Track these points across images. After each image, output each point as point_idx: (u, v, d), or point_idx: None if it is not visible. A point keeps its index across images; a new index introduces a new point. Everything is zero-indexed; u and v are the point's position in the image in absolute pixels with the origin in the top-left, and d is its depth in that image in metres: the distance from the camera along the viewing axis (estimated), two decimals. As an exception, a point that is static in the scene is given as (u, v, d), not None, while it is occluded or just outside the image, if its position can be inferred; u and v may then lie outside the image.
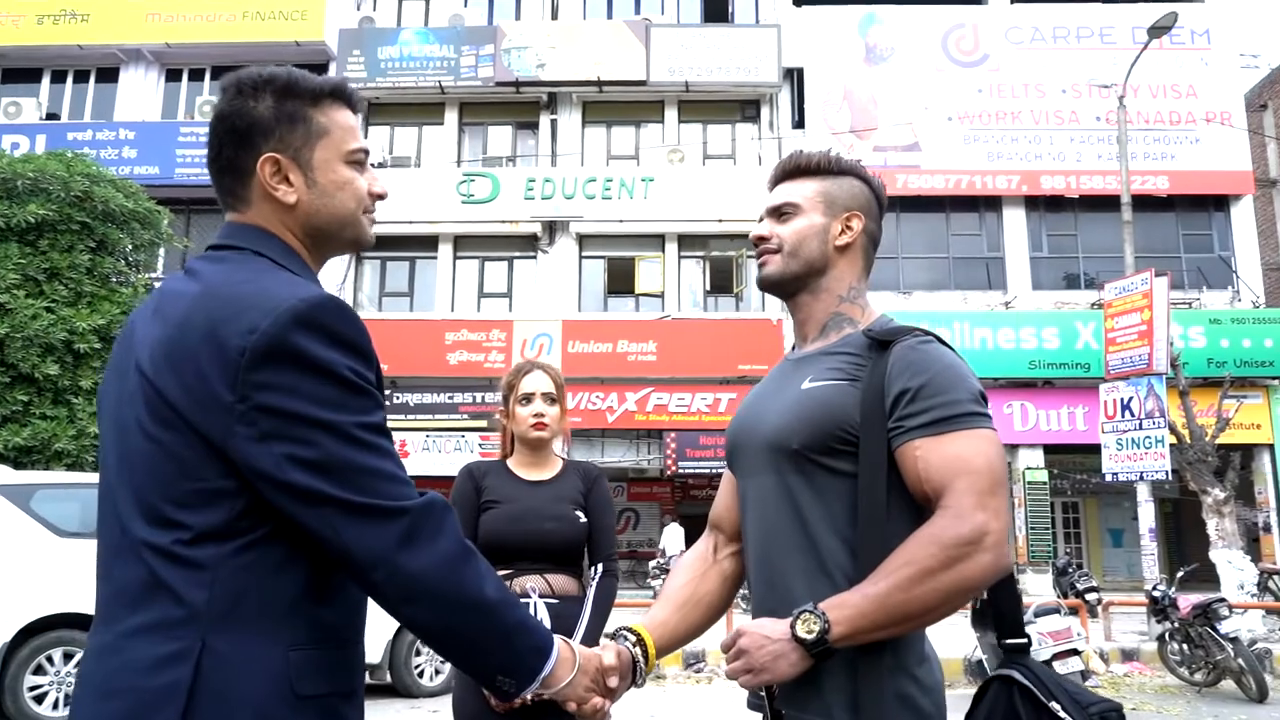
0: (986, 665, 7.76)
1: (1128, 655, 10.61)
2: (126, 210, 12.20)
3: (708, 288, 19.15)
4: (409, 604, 1.24)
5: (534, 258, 19.10)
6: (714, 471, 18.86)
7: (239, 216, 1.39)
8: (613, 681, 1.53)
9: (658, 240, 19.08)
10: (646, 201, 18.62)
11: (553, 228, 18.97)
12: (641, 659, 1.61)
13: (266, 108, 1.35)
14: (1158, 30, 12.89)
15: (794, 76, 19.34)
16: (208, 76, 19.92)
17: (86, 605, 6.42)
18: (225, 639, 1.18)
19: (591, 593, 2.79)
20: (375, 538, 1.21)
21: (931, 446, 1.45)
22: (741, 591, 1.84)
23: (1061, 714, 1.41)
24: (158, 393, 1.22)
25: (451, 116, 19.55)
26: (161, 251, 14.72)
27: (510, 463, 2.92)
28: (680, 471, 18.38)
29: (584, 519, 2.81)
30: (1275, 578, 14.53)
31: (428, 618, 1.26)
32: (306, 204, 1.37)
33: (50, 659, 6.68)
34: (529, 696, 2.48)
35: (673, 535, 20.94)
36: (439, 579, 1.24)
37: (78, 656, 6.83)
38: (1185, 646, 8.99)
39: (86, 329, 10.84)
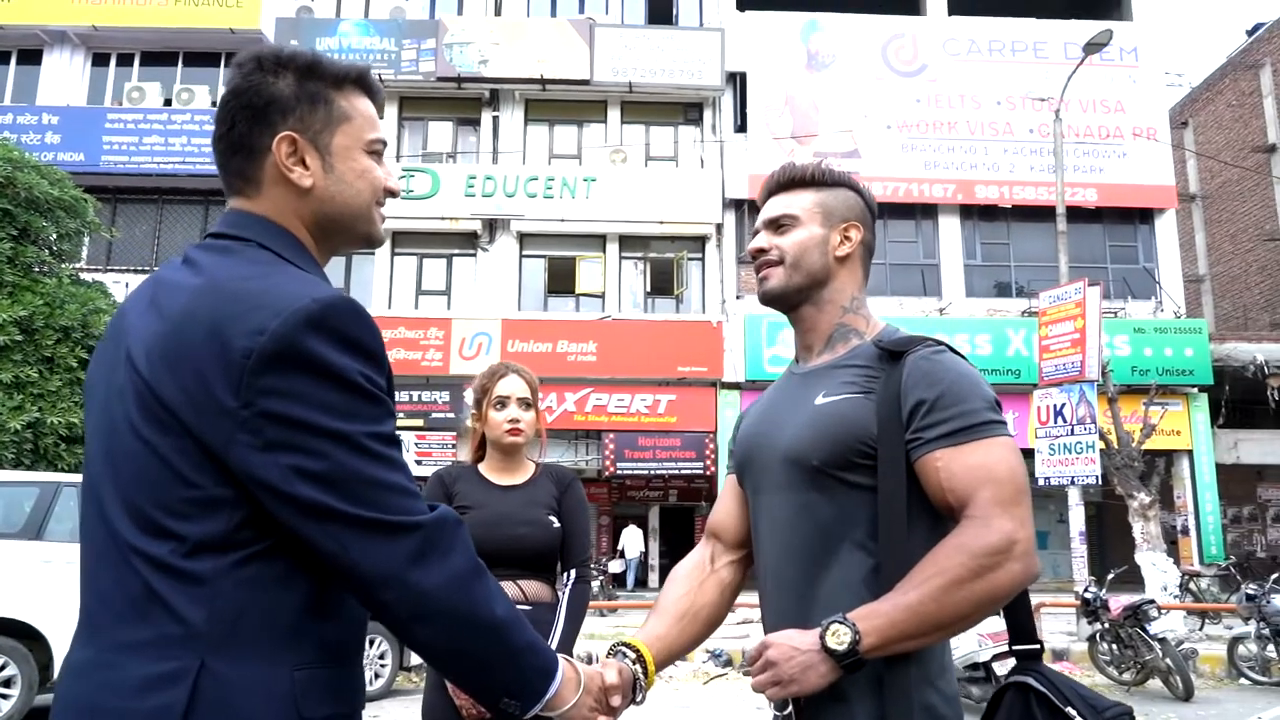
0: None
1: (1058, 655, 10.86)
2: (51, 198, 11.73)
3: (648, 289, 19.16)
4: (419, 623, 1.16)
5: (474, 256, 18.91)
6: (652, 473, 18.90)
7: (245, 203, 1.29)
8: (615, 701, 1.48)
9: (599, 240, 19.02)
10: (588, 201, 18.56)
11: (493, 226, 18.80)
12: (642, 675, 1.57)
13: (287, 85, 1.27)
14: (1094, 46, 13.24)
15: (737, 80, 19.45)
16: (137, 62, 19.31)
17: (10, 609, 6.14)
18: (226, 659, 1.09)
19: (565, 599, 2.73)
20: (385, 555, 1.13)
21: (953, 457, 1.44)
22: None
23: (1078, 719, 1.40)
24: (152, 392, 1.13)
25: (391, 111, 19.22)
26: (86, 241, 14.23)
27: (481, 467, 2.85)
28: (619, 473, 18.35)
29: (558, 524, 2.76)
30: (1195, 579, 15.03)
31: (438, 637, 1.18)
32: (321, 190, 1.28)
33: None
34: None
35: (632, 537, 20.93)
36: (451, 598, 1.16)
37: (1, 662, 6.54)
38: (1115, 647, 9.23)
39: (7, 320, 10.39)
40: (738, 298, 18.64)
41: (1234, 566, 15.61)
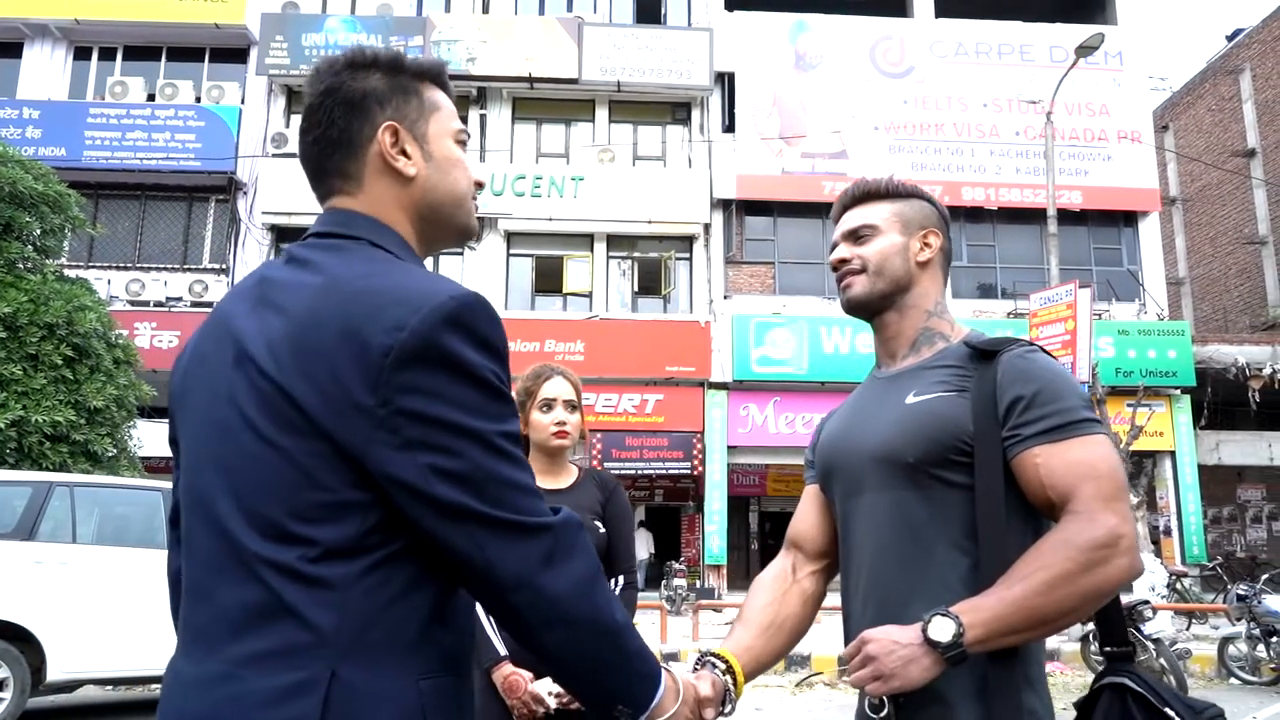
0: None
1: (1049, 655, 10.92)
2: (35, 193, 11.55)
3: (636, 289, 19.12)
4: (548, 629, 1.13)
5: (460, 254, 18.79)
6: (638, 473, 18.85)
7: (347, 201, 1.27)
8: (709, 713, 1.45)
9: (586, 240, 18.97)
10: (576, 200, 18.51)
11: (481, 224, 18.69)
12: (732, 686, 1.56)
13: (379, 79, 1.27)
14: (1085, 49, 13.32)
15: (725, 81, 19.45)
16: (120, 56, 19.07)
17: (2, 610, 6.02)
18: (356, 667, 1.06)
19: None
20: (519, 557, 1.10)
21: (1052, 453, 1.45)
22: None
23: (1177, 719, 1.41)
24: (281, 393, 1.09)
25: (377, 107, 19.08)
26: (68, 237, 14.03)
27: None
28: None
29: (603, 530, 2.71)
30: (1182, 580, 15.15)
31: (565, 643, 1.15)
32: (424, 179, 1.28)
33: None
34: (553, 707, 2.43)
35: (641, 539, 20.88)
36: (577, 602, 1.14)
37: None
38: (1107, 646, 9.26)
39: (-9, 317, 10.24)
40: (725, 298, 18.65)
41: (1220, 567, 15.75)
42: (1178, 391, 18.24)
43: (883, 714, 1.47)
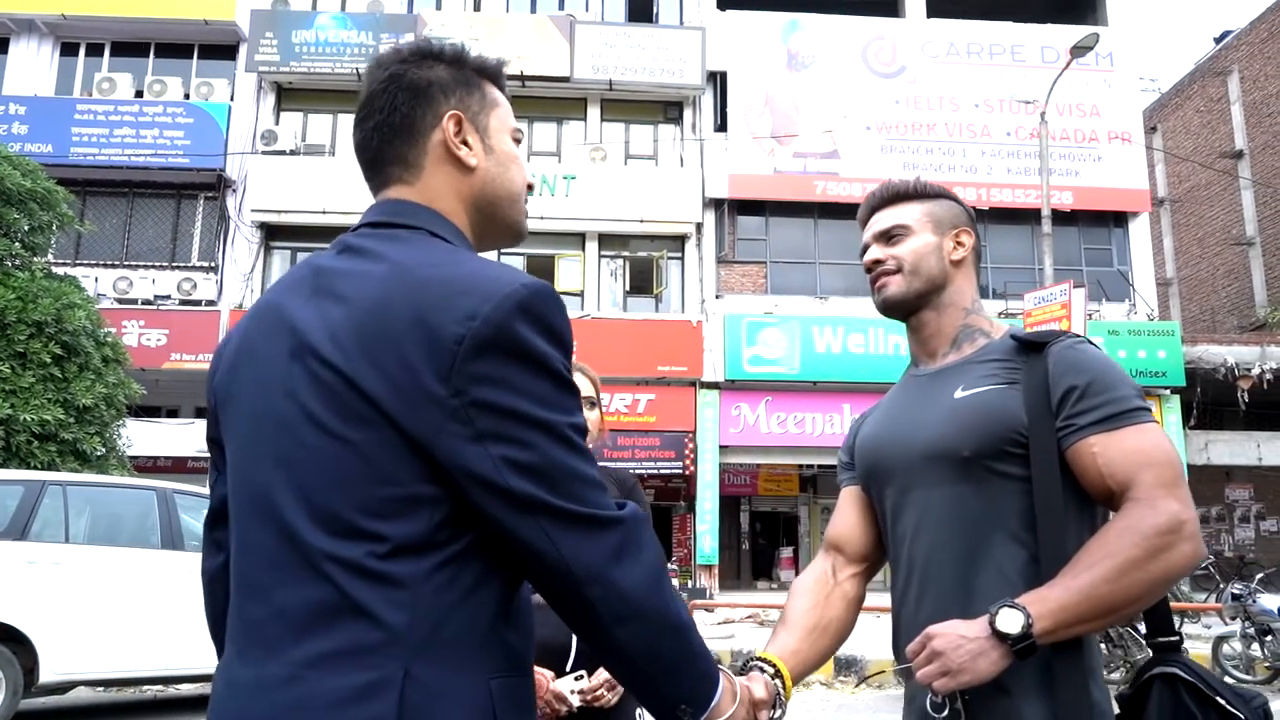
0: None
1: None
2: (24, 189, 11.46)
3: (628, 288, 19.07)
4: (620, 625, 1.09)
5: (452, 253, 18.71)
6: (630, 472, 18.78)
7: (404, 190, 1.24)
8: (763, 716, 1.43)
9: (578, 239, 18.92)
10: (567, 199, 18.45)
11: (472, 223, 18.60)
12: (780, 690, 1.53)
13: (443, 70, 1.27)
14: (1080, 49, 13.36)
15: (717, 80, 19.43)
16: (107, 52, 18.91)
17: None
18: (429, 666, 1.03)
19: None
20: (593, 551, 1.08)
21: (1108, 442, 1.45)
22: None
23: (1230, 709, 1.41)
24: (349, 383, 1.05)
25: (368, 105, 18.99)
26: (55, 234, 13.88)
27: None
28: (597, 472, 18.24)
29: None
30: (1171, 579, 15.15)
31: (636, 640, 1.11)
32: (484, 170, 1.27)
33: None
34: (576, 705, 2.39)
35: None
36: (647, 597, 1.10)
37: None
38: (1104, 646, 9.29)
39: (-21, 314, 10.13)
40: (717, 297, 18.62)
41: (1211, 566, 15.82)
42: (1167, 391, 18.31)
43: (944, 714, 1.44)
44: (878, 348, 17.92)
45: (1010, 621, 1.34)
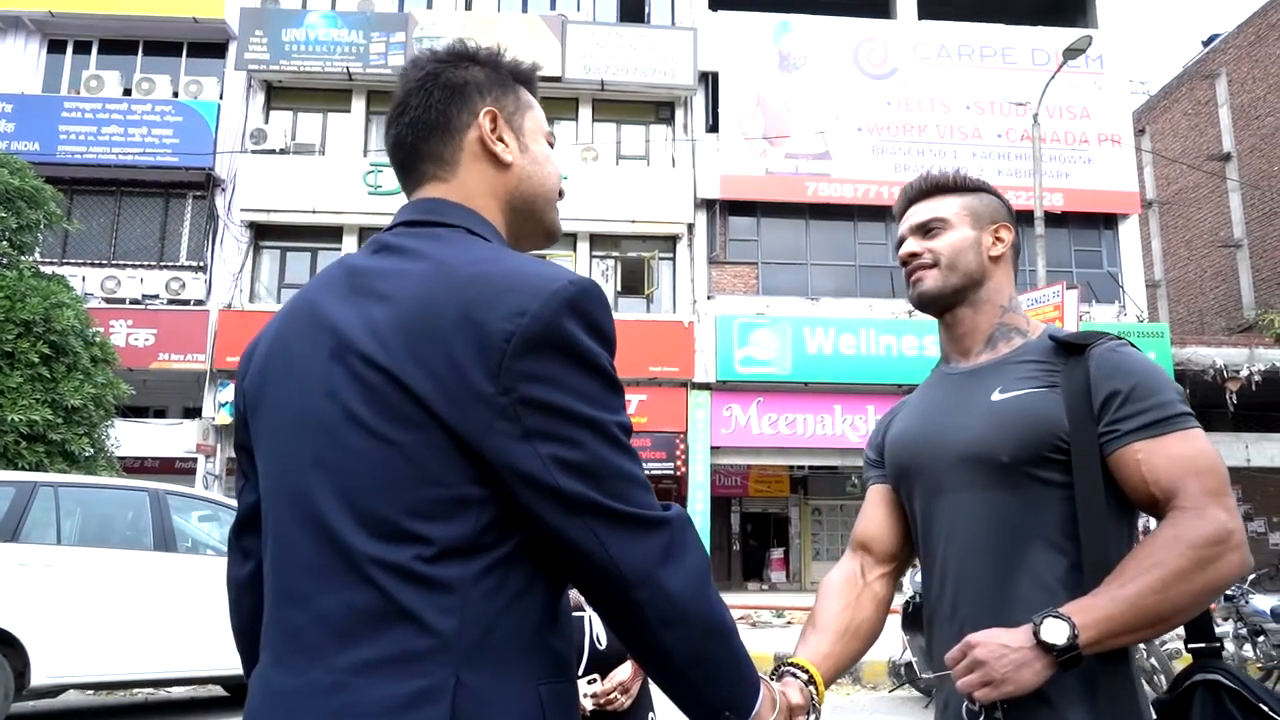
0: (916, 668, 7.85)
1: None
2: (11, 187, 11.34)
3: (619, 289, 19.03)
4: (667, 628, 1.07)
5: (442, 253, 18.63)
6: (622, 473, 18.74)
7: (440, 188, 1.23)
8: None
9: (569, 239, 18.86)
10: (560, 200, 18.35)
11: (463, 223, 18.52)
12: (814, 695, 1.51)
13: (479, 71, 1.27)
14: (1073, 51, 13.40)
15: (709, 80, 19.43)
16: (95, 49, 18.76)
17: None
18: (479, 673, 1.01)
19: None
20: (641, 552, 1.05)
21: (1153, 449, 1.42)
22: None
23: (1274, 715, 1.38)
24: (395, 383, 1.03)
25: (359, 105, 18.93)
26: (42, 233, 13.76)
27: None
28: (589, 473, 18.21)
29: None
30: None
31: (682, 643, 1.09)
32: (520, 168, 1.26)
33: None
34: (590, 709, 2.36)
35: None
36: (697, 600, 1.08)
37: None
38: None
39: (-35, 314, 10.02)
40: (709, 298, 18.61)
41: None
42: (1157, 393, 18.37)
43: (996, 717, 1.41)
44: (869, 349, 17.94)
45: (1056, 632, 1.31)
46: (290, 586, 1.07)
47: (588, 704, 2.38)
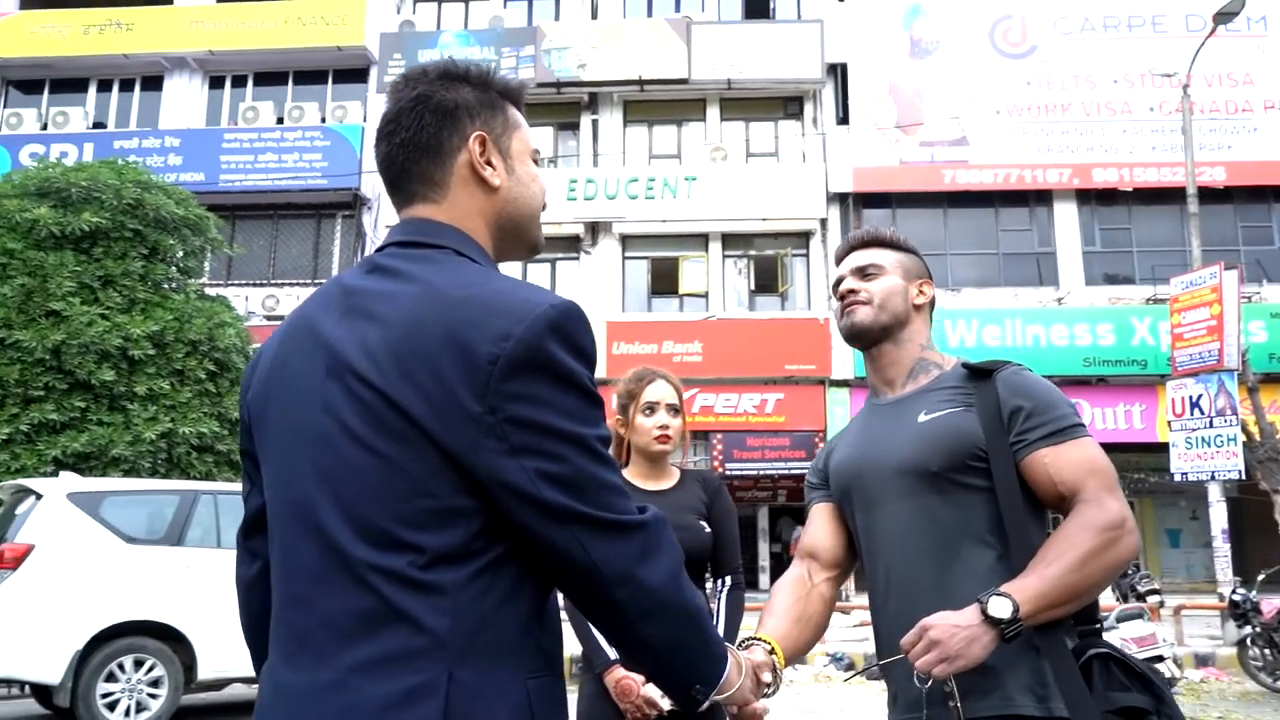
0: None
1: (1201, 660, 10.31)
2: (177, 217, 12.20)
3: (752, 287, 18.95)
4: (647, 620, 1.18)
5: (577, 259, 19.00)
6: (760, 473, 18.68)
7: (430, 209, 1.28)
8: (765, 677, 1.62)
9: (701, 240, 18.92)
10: (689, 201, 18.47)
11: (595, 228, 18.86)
12: (776, 663, 1.73)
13: (469, 92, 1.31)
14: (1225, 15, 12.55)
15: (838, 72, 19.11)
16: (250, 83, 20.03)
17: (156, 613, 6.37)
18: (470, 669, 1.08)
19: (723, 604, 2.73)
20: (621, 554, 1.15)
21: (1057, 454, 1.70)
22: None
23: (1149, 676, 1.65)
24: (387, 401, 1.10)
25: (493, 118, 19.48)
26: (208, 258, 14.77)
27: (627, 473, 2.81)
28: (727, 473, 18.18)
29: (708, 529, 2.72)
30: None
31: (660, 632, 1.20)
32: (507, 191, 1.31)
33: (121, 666, 6.66)
34: (666, 709, 2.40)
35: None
36: (670, 592, 1.19)
37: (149, 663, 6.78)
38: (1269, 652, 8.70)
39: (140, 335, 10.83)
40: (844, 293, 18.28)
41: None
42: (1339, 377, 16.99)
43: (932, 688, 1.58)
44: (1015, 340, 17.28)
45: (1000, 608, 1.53)
46: (295, 590, 1.15)
47: (665, 704, 2.42)
